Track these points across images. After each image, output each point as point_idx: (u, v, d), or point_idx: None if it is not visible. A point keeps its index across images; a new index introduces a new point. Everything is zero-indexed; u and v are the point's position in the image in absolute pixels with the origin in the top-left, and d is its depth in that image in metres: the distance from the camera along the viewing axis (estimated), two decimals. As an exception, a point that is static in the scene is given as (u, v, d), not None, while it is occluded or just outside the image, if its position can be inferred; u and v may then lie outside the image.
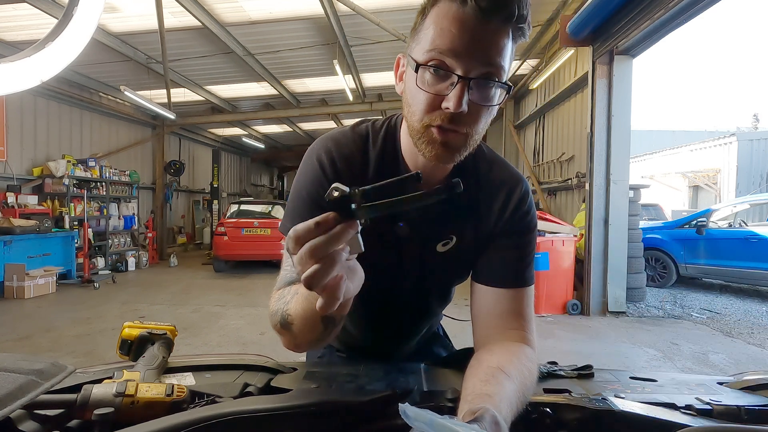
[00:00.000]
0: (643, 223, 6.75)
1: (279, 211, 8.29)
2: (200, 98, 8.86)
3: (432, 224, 0.74)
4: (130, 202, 8.86)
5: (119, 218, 8.52)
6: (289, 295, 0.62)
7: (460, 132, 0.58)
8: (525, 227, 0.74)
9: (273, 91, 8.59)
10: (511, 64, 0.60)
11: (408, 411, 0.39)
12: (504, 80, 0.58)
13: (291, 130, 12.31)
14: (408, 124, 0.63)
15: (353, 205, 0.39)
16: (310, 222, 0.40)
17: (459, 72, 0.55)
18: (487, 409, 0.47)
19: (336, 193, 0.39)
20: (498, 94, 0.59)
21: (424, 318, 0.92)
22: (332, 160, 0.71)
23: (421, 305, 0.86)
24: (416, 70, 0.58)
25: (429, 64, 0.56)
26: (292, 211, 0.73)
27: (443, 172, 0.71)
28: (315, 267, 0.40)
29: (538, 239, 4.93)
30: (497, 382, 0.54)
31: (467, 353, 0.70)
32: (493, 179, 0.75)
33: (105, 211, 7.98)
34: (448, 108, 0.56)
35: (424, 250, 0.76)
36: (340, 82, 7.34)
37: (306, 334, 0.59)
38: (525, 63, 7.57)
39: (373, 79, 8.24)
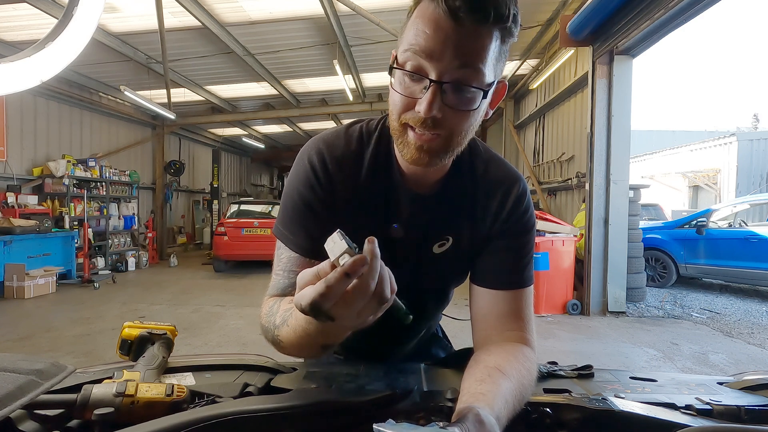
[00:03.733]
0: (643, 223, 6.75)
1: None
2: (200, 98, 8.86)
3: (427, 225, 0.73)
4: (130, 202, 8.86)
5: (119, 218, 8.53)
6: (278, 317, 0.60)
7: (436, 136, 0.57)
8: (523, 227, 0.73)
9: (273, 91, 8.59)
10: (499, 65, 0.57)
11: (383, 428, 0.39)
12: (487, 82, 0.55)
13: (291, 130, 12.31)
14: (390, 124, 0.63)
15: None
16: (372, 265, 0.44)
17: (432, 75, 0.54)
18: (472, 408, 0.46)
19: None
20: (479, 99, 0.56)
21: (421, 320, 0.90)
22: (324, 162, 0.70)
23: (418, 307, 0.84)
24: (390, 72, 0.58)
25: (404, 67, 0.56)
26: (285, 216, 0.72)
27: (439, 172, 0.70)
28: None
29: (538, 239, 4.93)
30: (493, 381, 0.54)
31: (467, 353, 0.70)
32: (489, 178, 0.73)
33: (105, 211, 7.99)
34: (419, 112, 0.55)
35: (419, 251, 0.75)
36: (340, 82, 7.34)
37: (299, 354, 0.61)
38: (525, 63, 7.57)
39: (373, 79, 8.24)
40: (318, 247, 0.69)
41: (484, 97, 0.57)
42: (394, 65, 0.57)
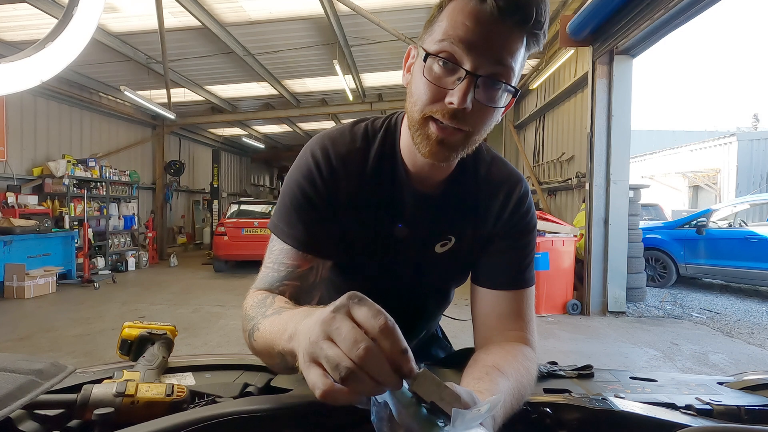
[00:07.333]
0: (643, 223, 6.75)
1: (279, 211, 8.31)
2: (200, 98, 8.86)
3: (431, 225, 0.73)
4: (130, 202, 8.86)
5: (119, 218, 8.52)
6: (270, 309, 0.58)
7: (461, 129, 0.57)
8: (524, 228, 0.74)
9: (273, 91, 8.59)
10: (521, 70, 0.58)
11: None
12: (513, 84, 0.56)
13: (291, 130, 12.31)
14: (408, 116, 0.62)
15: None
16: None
17: (467, 67, 0.54)
18: None
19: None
20: (504, 97, 0.57)
21: (421, 320, 0.90)
22: (328, 158, 0.69)
23: (418, 307, 0.85)
24: (425, 60, 0.56)
25: (439, 54, 0.55)
26: (283, 208, 0.71)
27: (444, 172, 0.70)
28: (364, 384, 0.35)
29: (538, 239, 4.93)
30: (490, 380, 0.54)
31: (467, 353, 0.70)
32: (492, 179, 0.74)
33: (105, 211, 7.98)
34: (451, 103, 0.54)
35: (421, 250, 0.75)
36: (340, 82, 7.34)
37: (263, 356, 0.58)
38: (525, 63, 7.56)
39: (373, 79, 8.24)
40: (313, 241, 0.69)
41: (514, 96, 0.58)
42: (429, 53, 0.56)
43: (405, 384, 0.37)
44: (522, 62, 0.57)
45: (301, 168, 0.70)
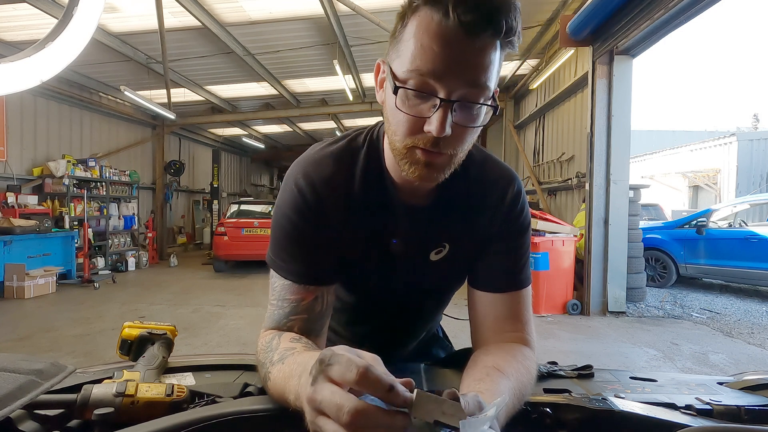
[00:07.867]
0: (643, 223, 6.75)
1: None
2: (200, 98, 8.86)
3: (423, 235, 0.72)
4: (130, 202, 8.86)
5: (119, 218, 8.53)
6: (276, 354, 0.58)
7: (443, 153, 0.56)
8: (519, 228, 0.73)
9: (273, 91, 8.59)
10: (498, 75, 0.56)
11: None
12: (490, 95, 0.54)
13: (291, 130, 12.31)
14: (389, 143, 0.60)
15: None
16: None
17: (441, 94, 0.51)
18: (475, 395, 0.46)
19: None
20: (483, 113, 0.56)
21: (420, 323, 0.90)
22: (312, 184, 0.67)
23: (417, 310, 0.85)
24: (395, 92, 0.53)
25: (408, 85, 0.53)
26: (275, 243, 0.69)
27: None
28: None
29: (539, 239, 4.93)
30: (491, 380, 0.54)
31: (467, 353, 0.70)
32: (485, 179, 0.73)
33: (105, 211, 7.99)
34: (430, 132, 0.53)
35: (416, 260, 0.74)
36: (340, 82, 7.34)
37: (278, 399, 0.57)
38: (525, 63, 7.57)
39: (373, 79, 8.21)
40: (312, 271, 0.67)
41: (495, 113, 0.57)
42: (397, 83, 0.54)
43: None
44: (498, 67, 0.55)
45: (287, 199, 0.68)
